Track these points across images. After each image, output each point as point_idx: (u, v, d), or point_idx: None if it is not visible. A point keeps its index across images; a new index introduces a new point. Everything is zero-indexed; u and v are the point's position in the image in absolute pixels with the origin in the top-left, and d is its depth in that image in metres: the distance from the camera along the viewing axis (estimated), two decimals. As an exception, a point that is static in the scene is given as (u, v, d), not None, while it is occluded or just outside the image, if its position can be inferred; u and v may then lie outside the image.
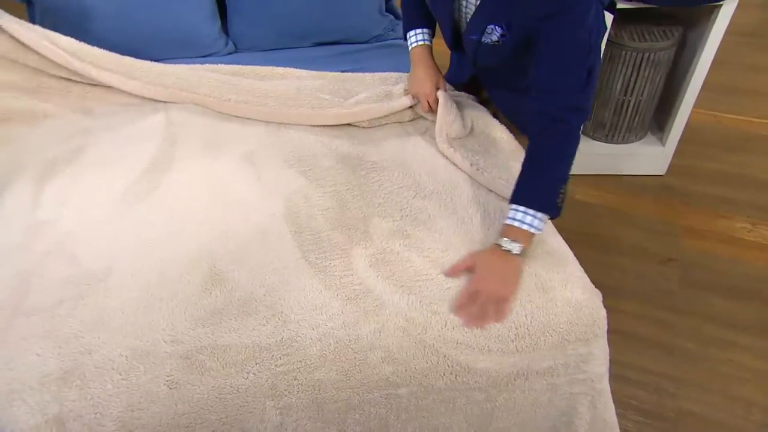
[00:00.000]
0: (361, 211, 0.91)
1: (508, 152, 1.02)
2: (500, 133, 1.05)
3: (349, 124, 1.08)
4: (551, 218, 0.85)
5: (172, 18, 1.26)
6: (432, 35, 1.07)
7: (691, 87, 1.53)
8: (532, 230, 0.82)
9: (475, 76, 1.09)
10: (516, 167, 0.87)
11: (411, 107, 1.08)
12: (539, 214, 0.82)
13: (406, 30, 1.07)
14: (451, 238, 0.87)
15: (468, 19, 0.92)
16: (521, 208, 0.82)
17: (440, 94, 1.03)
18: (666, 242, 1.55)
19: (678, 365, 1.27)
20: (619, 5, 1.38)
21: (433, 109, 1.05)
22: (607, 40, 1.46)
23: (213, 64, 1.17)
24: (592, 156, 1.70)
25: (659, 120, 1.73)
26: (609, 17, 1.34)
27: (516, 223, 0.82)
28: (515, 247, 0.81)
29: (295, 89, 1.08)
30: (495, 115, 1.10)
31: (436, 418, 0.81)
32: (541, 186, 0.84)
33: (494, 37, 0.89)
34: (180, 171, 0.96)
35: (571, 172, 1.68)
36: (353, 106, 1.06)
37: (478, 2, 0.88)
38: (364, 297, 0.80)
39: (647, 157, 1.70)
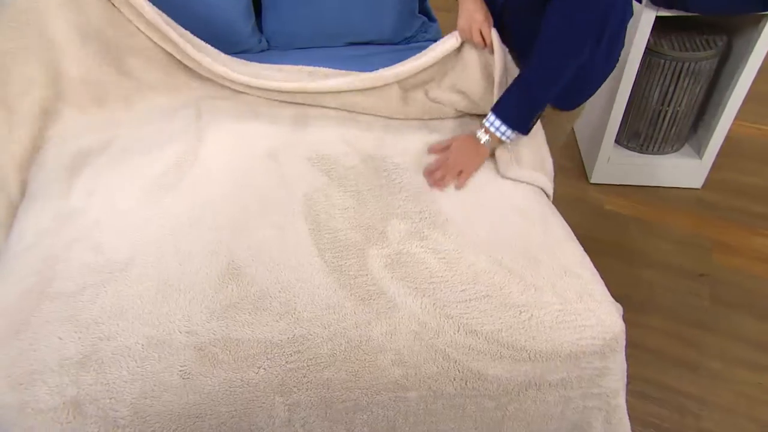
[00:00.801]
0: (380, 211, 0.91)
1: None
2: None
3: (377, 124, 1.08)
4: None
5: (207, 13, 1.28)
6: None
7: (734, 98, 1.49)
8: (504, 138, 0.99)
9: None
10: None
11: (458, 50, 1.07)
12: (512, 130, 0.98)
13: None
14: (467, 241, 0.87)
15: None
16: (499, 120, 0.97)
17: (494, 32, 1.02)
18: (698, 257, 1.51)
19: (703, 385, 1.24)
20: (660, 13, 1.34)
21: (485, 42, 1.03)
22: (646, 47, 1.42)
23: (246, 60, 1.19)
24: (624, 165, 1.66)
25: (697, 131, 1.68)
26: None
27: (492, 128, 0.98)
28: (485, 140, 0.99)
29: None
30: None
31: (444, 423, 0.81)
32: (523, 109, 0.97)
33: None
34: (205, 166, 0.98)
35: (601, 181, 1.67)
36: (397, 67, 1.07)
37: None
38: (378, 298, 0.80)
39: (683, 169, 1.66)
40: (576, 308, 0.81)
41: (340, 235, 0.87)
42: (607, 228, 1.60)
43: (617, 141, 1.67)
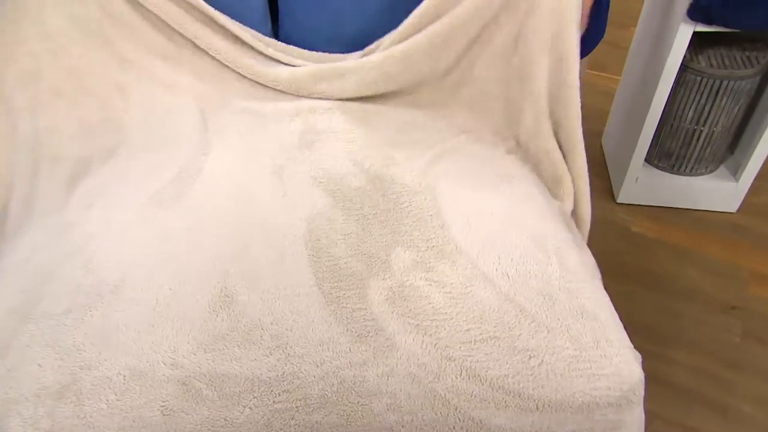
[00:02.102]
0: (384, 238, 0.86)
1: None
2: None
3: (388, 141, 1.03)
4: None
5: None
6: None
7: (775, 120, 1.39)
8: None
9: None
10: None
11: None
12: None
13: None
14: (476, 273, 0.81)
15: None
16: None
17: None
18: (731, 288, 1.41)
19: (731, 429, 1.15)
20: (698, 28, 1.26)
21: None
22: (681, 63, 1.34)
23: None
24: (654, 186, 1.58)
25: (734, 152, 1.59)
26: None
27: None
28: None
29: None
30: None
31: (442, 473, 0.75)
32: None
33: None
34: (207, 182, 0.94)
35: (629, 202, 1.57)
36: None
37: None
38: (375, 335, 0.75)
39: (717, 192, 1.56)
40: (591, 355, 0.74)
41: (341, 263, 0.82)
42: (633, 252, 1.51)
43: (647, 160, 1.59)
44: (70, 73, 1.03)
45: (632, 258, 1.50)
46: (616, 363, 0.74)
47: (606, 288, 0.86)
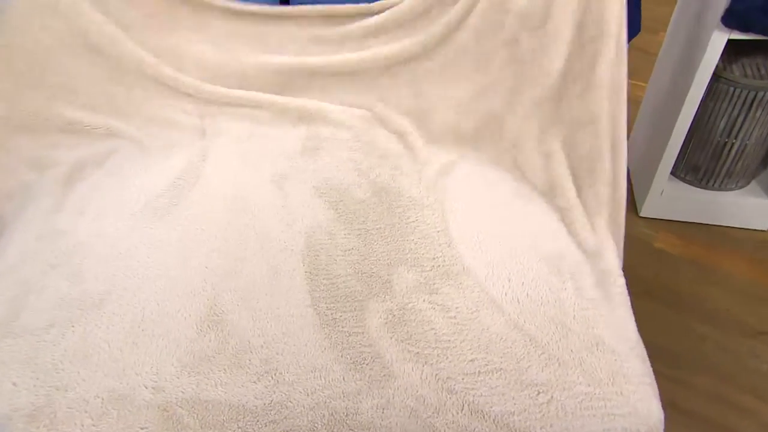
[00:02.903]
0: (387, 256, 0.81)
1: None
2: None
3: (395, 150, 0.98)
4: None
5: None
6: None
7: (812, 134, 1.31)
8: None
9: None
10: None
11: None
12: None
13: None
14: (483, 297, 0.76)
15: None
16: None
17: None
18: (760, 312, 1.33)
19: (755, 466, 1.08)
20: (733, 36, 1.18)
21: None
22: (713, 73, 1.26)
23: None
24: (679, 200, 1.50)
25: (767, 167, 1.50)
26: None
27: None
28: None
29: None
30: None
31: None
32: None
33: None
34: (204, 190, 0.90)
35: (652, 216, 1.46)
36: None
37: None
38: (372, 363, 0.69)
39: (748, 209, 1.48)
40: (606, 392, 0.68)
41: (339, 282, 0.77)
42: (655, 268, 1.44)
43: (673, 173, 1.51)
44: (66, 75, 0.99)
45: (654, 275, 1.42)
46: (633, 402, 0.68)
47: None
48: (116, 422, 0.65)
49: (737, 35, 1.18)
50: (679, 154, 1.44)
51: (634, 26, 1.00)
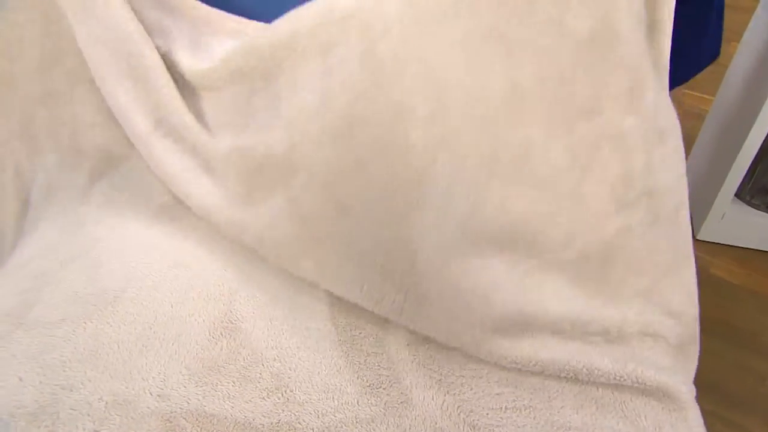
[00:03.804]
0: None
1: None
2: None
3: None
4: None
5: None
6: None
7: None
8: None
9: None
10: None
11: None
12: None
13: None
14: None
15: None
16: None
17: None
18: (827, 354, 1.21)
19: None
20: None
21: None
22: (790, 88, 1.15)
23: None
24: (743, 225, 1.39)
25: None
26: None
27: None
28: None
29: None
30: None
31: None
32: None
33: None
34: (230, 187, 0.86)
35: (711, 239, 1.35)
36: None
37: None
38: (389, 387, 0.64)
39: (820, 239, 1.35)
40: (649, 442, 0.61)
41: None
42: (711, 297, 1.33)
43: (738, 195, 1.40)
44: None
45: (709, 305, 1.31)
46: (680, 456, 0.60)
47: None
48: (117, 429, 0.62)
49: (822, 48, 1.07)
50: (745, 175, 1.33)
51: (712, 50, 0.87)
